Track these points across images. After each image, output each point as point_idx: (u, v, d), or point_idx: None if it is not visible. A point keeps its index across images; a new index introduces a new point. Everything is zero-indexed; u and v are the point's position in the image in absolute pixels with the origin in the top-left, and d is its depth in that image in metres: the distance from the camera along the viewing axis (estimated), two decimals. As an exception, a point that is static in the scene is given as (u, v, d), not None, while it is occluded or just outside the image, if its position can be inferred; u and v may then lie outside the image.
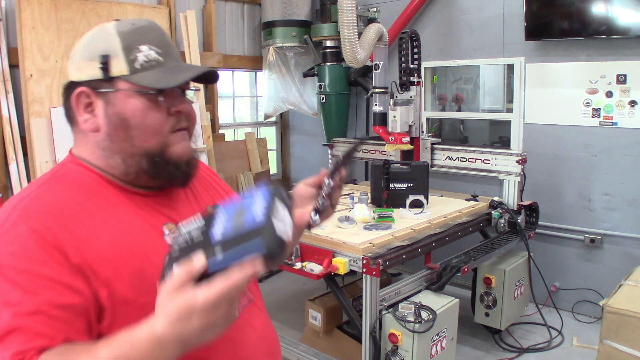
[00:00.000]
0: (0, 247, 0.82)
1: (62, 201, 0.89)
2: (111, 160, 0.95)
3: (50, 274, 0.81)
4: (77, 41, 0.98)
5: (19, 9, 3.46)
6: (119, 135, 0.93)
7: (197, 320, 0.70)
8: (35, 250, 0.82)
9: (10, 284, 0.79)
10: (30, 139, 3.54)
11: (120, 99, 0.92)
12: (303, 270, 2.51)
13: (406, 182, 3.20)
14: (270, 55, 4.81)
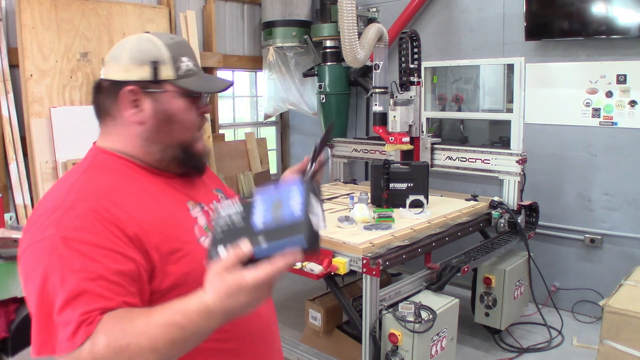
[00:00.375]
0: (65, 224, 0.95)
1: (108, 184, 1.05)
2: (149, 149, 1.12)
3: (109, 245, 0.95)
4: (118, 46, 1.13)
5: (19, 9, 3.46)
6: (163, 128, 1.11)
7: (242, 297, 0.85)
8: (96, 225, 0.96)
9: (76, 254, 0.92)
10: (30, 139, 3.54)
11: (167, 98, 1.10)
12: (303, 270, 2.50)
13: (406, 182, 3.20)
14: (270, 55, 4.81)
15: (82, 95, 3.78)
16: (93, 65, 3.83)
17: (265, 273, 0.84)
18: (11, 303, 1.64)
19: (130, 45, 1.11)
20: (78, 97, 3.76)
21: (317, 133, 5.20)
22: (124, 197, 1.03)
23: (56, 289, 0.90)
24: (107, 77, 1.11)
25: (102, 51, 3.87)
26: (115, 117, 1.12)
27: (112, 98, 1.10)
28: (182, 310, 0.87)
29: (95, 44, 3.84)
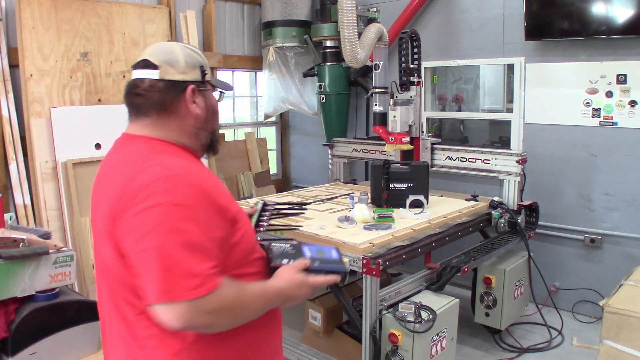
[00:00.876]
0: (174, 194, 1.13)
1: (186, 165, 1.23)
2: (200, 136, 1.34)
3: (207, 215, 1.16)
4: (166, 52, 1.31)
5: (19, 9, 3.46)
6: (210, 118, 1.36)
7: (301, 291, 1.29)
8: (197, 197, 1.16)
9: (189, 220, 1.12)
10: (30, 139, 3.54)
11: (209, 95, 1.36)
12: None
13: (406, 182, 3.20)
14: (270, 55, 4.81)
15: (82, 95, 3.78)
16: (93, 65, 3.83)
17: (320, 280, 1.33)
18: (11, 303, 1.64)
19: (181, 52, 1.31)
20: (78, 97, 3.76)
21: (317, 133, 5.20)
22: (205, 175, 1.24)
23: (176, 247, 1.09)
24: (164, 78, 1.28)
25: (102, 51, 3.87)
26: (172, 112, 1.29)
27: (172, 95, 1.28)
28: (265, 288, 1.24)
29: (95, 44, 3.84)
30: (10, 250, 1.63)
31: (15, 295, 1.64)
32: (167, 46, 1.33)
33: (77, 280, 3.45)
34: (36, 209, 3.55)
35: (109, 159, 1.33)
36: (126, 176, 1.18)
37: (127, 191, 1.16)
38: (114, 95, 3.94)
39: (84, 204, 3.62)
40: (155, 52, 1.30)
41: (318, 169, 5.24)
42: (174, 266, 1.08)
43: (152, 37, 4.15)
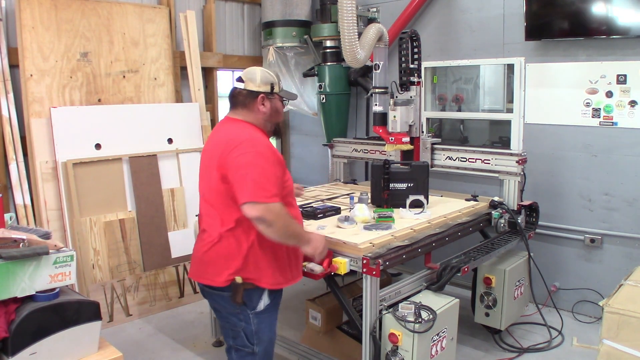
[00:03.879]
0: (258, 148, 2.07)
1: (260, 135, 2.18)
2: (265, 124, 2.25)
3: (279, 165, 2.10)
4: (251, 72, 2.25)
5: (19, 9, 3.47)
6: (273, 115, 2.26)
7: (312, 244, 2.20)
8: (273, 154, 2.10)
9: (266, 162, 2.04)
10: (30, 139, 3.54)
11: (275, 101, 2.26)
12: (303, 270, 2.50)
13: (406, 182, 3.20)
14: (270, 55, 4.81)
15: (82, 95, 3.78)
16: (93, 65, 3.83)
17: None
18: (11, 303, 1.64)
19: (261, 74, 2.24)
20: (78, 97, 3.76)
21: (317, 133, 5.20)
22: (268, 141, 2.18)
23: (260, 174, 2.00)
24: (247, 88, 2.22)
25: (102, 51, 3.87)
26: (250, 108, 2.23)
27: (250, 99, 2.22)
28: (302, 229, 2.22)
29: (95, 44, 3.84)
30: (10, 250, 1.63)
31: (15, 295, 1.64)
32: (252, 69, 2.26)
33: (77, 280, 3.46)
34: (36, 209, 3.55)
35: (219, 128, 2.30)
36: (230, 136, 2.12)
37: (231, 144, 2.06)
38: (114, 95, 3.94)
39: (84, 204, 3.62)
40: (245, 72, 2.26)
41: (318, 169, 5.25)
42: (258, 184, 1.97)
43: (152, 37, 4.15)
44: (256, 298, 2.16)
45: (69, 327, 1.69)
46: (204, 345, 3.43)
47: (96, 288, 3.63)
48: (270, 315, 2.25)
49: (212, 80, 4.80)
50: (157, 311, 3.91)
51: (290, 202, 2.23)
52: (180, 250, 4.01)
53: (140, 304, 3.84)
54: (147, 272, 3.88)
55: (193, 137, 4.21)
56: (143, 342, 3.49)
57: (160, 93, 4.22)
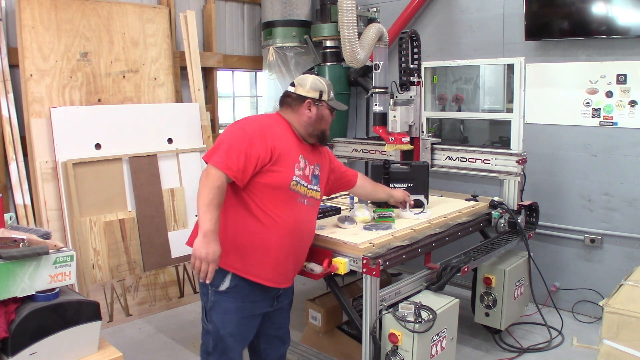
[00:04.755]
0: (248, 125, 2.18)
1: (273, 124, 2.25)
2: (307, 128, 2.29)
3: (258, 146, 2.11)
4: (303, 79, 2.36)
5: (19, 9, 3.47)
6: (318, 121, 2.30)
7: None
8: (259, 134, 2.13)
9: (244, 139, 2.10)
10: (30, 139, 3.54)
11: (322, 108, 2.32)
12: (303, 270, 2.50)
13: (406, 182, 3.20)
14: (270, 55, 4.81)
15: (82, 95, 3.78)
16: (93, 65, 3.83)
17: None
18: (11, 303, 1.64)
19: (312, 80, 2.32)
20: (78, 97, 3.76)
21: (317, 133, 5.19)
22: (277, 132, 2.21)
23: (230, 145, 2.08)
24: (296, 92, 2.31)
25: (102, 51, 3.87)
26: (295, 110, 2.30)
27: (297, 102, 2.30)
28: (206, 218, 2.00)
29: (95, 44, 3.84)
30: (10, 250, 1.62)
31: (15, 295, 1.63)
32: (306, 76, 2.37)
33: (77, 280, 3.46)
34: (36, 209, 3.55)
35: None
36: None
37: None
38: (114, 95, 3.94)
39: (84, 204, 3.62)
40: (299, 78, 2.37)
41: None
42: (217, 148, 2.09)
43: (152, 37, 4.15)
44: (219, 276, 2.13)
45: (69, 327, 1.69)
46: (204, 345, 3.42)
47: (96, 288, 3.63)
48: (230, 301, 2.19)
49: (212, 80, 4.80)
50: (157, 311, 3.91)
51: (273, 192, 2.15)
52: (180, 250, 4.00)
53: (140, 304, 3.84)
54: (147, 272, 3.88)
55: (193, 137, 4.21)
56: (143, 342, 3.49)
57: (160, 93, 4.22)
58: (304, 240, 2.32)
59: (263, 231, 2.14)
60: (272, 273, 2.20)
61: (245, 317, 2.24)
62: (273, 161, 2.12)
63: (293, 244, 2.23)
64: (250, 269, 2.16)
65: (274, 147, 2.12)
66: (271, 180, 2.13)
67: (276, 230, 2.15)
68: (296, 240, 2.25)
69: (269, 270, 2.18)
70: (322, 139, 2.34)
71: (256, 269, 2.16)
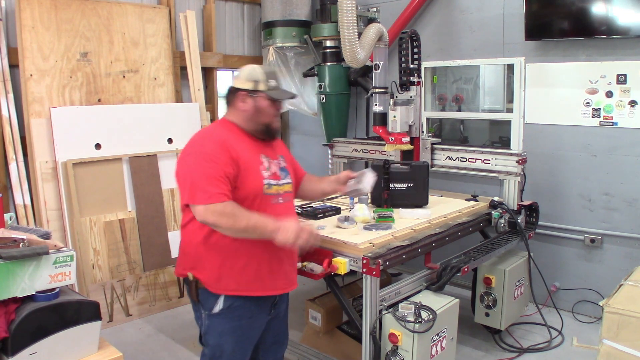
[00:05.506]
0: (204, 147, 1.99)
1: (224, 134, 2.06)
2: (248, 123, 2.11)
3: (224, 160, 1.96)
4: (242, 70, 2.14)
5: (19, 9, 3.47)
6: (256, 114, 2.10)
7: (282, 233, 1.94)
8: (219, 149, 1.97)
9: (210, 162, 1.93)
10: (30, 139, 3.54)
11: (259, 100, 2.10)
12: (303, 270, 2.51)
13: (406, 182, 3.20)
14: (270, 55, 4.81)
15: (82, 95, 3.78)
16: (93, 65, 3.83)
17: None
18: (11, 303, 1.64)
19: (248, 70, 2.12)
20: (78, 97, 3.76)
21: (317, 133, 5.20)
22: (232, 141, 2.03)
23: (201, 173, 1.92)
24: (234, 86, 2.12)
25: (102, 51, 3.87)
26: (234, 106, 2.13)
27: (234, 96, 2.13)
28: (265, 221, 1.94)
29: (95, 44, 3.84)
30: (10, 250, 1.62)
31: (15, 295, 1.63)
32: (244, 67, 2.16)
33: (77, 280, 3.46)
34: (36, 209, 3.55)
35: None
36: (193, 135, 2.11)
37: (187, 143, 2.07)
38: (114, 95, 3.94)
39: (84, 204, 3.62)
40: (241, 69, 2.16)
41: (318, 169, 5.24)
42: (196, 186, 1.91)
43: (152, 37, 4.15)
44: (212, 299, 2.06)
45: (69, 327, 1.69)
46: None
47: (96, 288, 3.63)
48: (225, 322, 2.09)
49: (212, 80, 4.80)
50: (157, 311, 3.91)
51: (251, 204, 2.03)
52: (180, 250, 4.01)
53: (140, 304, 3.84)
54: (147, 272, 3.88)
55: (193, 137, 4.21)
56: (143, 342, 3.49)
57: (160, 93, 4.22)
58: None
59: (246, 245, 2.02)
60: (266, 281, 2.10)
61: (242, 335, 2.14)
62: (240, 172, 1.99)
63: (278, 248, 2.05)
64: (243, 285, 2.06)
65: (237, 158, 1.98)
66: (245, 192, 2.01)
67: (260, 240, 2.01)
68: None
69: (263, 280, 2.09)
70: (268, 133, 2.13)
71: (250, 284, 2.07)
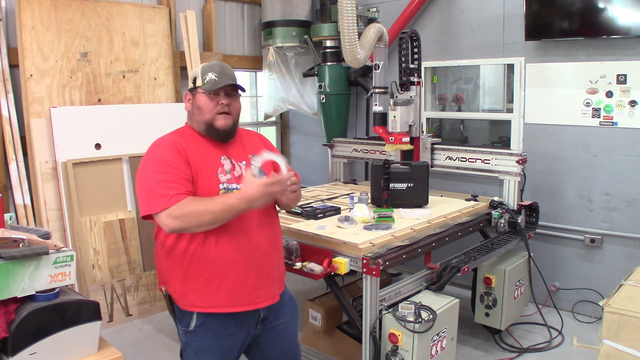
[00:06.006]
0: (158, 152, 1.87)
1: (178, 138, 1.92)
2: (194, 124, 1.96)
3: (180, 162, 1.83)
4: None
5: (19, 9, 3.46)
6: (196, 113, 1.94)
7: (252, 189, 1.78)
8: (173, 153, 1.84)
9: (165, 165, 1.81)
10: (30, 139, 3.54)
11: (197, 97, 1.94)
12: (303, 270, 2.50)
13: (406, 182, 3.20)
14: (270, 55, 4.81)
15: (82, 95, 3.78)
16: (93, 65, 3.83)
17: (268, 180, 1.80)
18: (11, 303, 1.64)
19: (194, 69, 2.02)
20: (78, 97, 3.76)
21: (317, 133, 5.20)
22: (185, 144, 1.88)
23: (157, 180, 1.78)
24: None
25: (102, 51, 3.87)
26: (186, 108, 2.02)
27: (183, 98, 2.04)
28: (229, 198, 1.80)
29: (95, 44, 3.84)
30: (10, 250, 1.62)
31: (15, 295, 1.63)
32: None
33: (77, 280, 3.46)
34: (36, 209, 3.55)
35: None
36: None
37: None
38: (114, 95, 3.94)
39: (84, 204, 3.62)
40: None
41: (318, 169, 5.24)
42: (152, 193, 1.78)
43: (152, 37, 4.15)
44: (187, 315, 1.93)
45: (69, 327, 1.69)
46: (204, 345, 3.42)
47: (96, 288, 3.63)
48: (200, 340, 1.93)
49: (212, 80, 4.79)
50: (157, 311, 3.91)
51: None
52: (180, 250, 4.01)
53: (140, 304, 3.84)
54: (147, 272, 3.88)
55: (193, 137, 4.22)
56: (143, 342, 3.49)
57: (160, 93, 4.22)
58: (259, 248, 1.94)
59: (208, 255, 1.86)
60: (234, 296, 1.90)
61: (223, 354, 1.96)
62: (194, 176, 1.84)
63: (246, 258, 1.90)
64: (209, 301, 1.88)
65: (188, 160, 1.84)
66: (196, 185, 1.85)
67: (220, 249, 1.86)
68: (247, 251, 1.90)
69: (230, 294, 1.89)
70: (213, 132, 1.92)
71: (215, 299, 1.88)
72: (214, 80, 1.90)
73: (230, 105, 1.93)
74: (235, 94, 1.97)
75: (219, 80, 1.90)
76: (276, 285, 2.04)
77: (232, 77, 1.94)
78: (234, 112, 1.96)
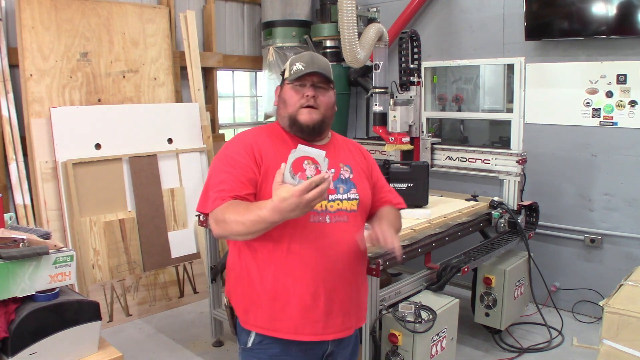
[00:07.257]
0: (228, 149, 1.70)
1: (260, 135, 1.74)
2: (280, 119, 1.77)
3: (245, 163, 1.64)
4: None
5: (19, 9, 3.46)
6: (281, 107, 1.75)
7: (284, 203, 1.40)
8: (242, 151, 1.66)
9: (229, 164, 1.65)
10: (30, 139, 3.54)
11: (285, 89, 1.74)
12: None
13: (406, 182, 3.20)
14: (270, 55, 4.81)
15: (82, 95, 3.78)
16: (93, 65, 3.83)
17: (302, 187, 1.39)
18: (11, 303, 1.64)
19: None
20: (78, 97, 3.76)
21: (317, 133, 5.19)
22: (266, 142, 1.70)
23: (217, 180, 1.63)
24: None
25: (102, 51, 3.87)
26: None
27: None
28: (262, 207, 1.46)
29: (95, 44, 3.84)
30: (10, 250, 1.62)
31: (15, 295, 1.63)
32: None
33: (77, 280, 3.46)
34: (36, 209, 3.55)
35: None
36: None
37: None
38: (114, 95, 3.94)
39: (84, 204, 3.62)
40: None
41: (318, 169, 5.24)
42: (206, 192, 1.65)
43: (152, 37, 4.15)
44: (245, 333, 1.72)
45: (69, 327, 1.69)
46: (204, 345, 3.42)
47: (96, 288, 3.63)
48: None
49: (212, 80, 4.79)
50: (157, 311, 3.91)
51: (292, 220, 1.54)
52: (180, 250, 4.01)
53: (140, 304, 3.84)
54: (147, 272, 3.88)
55: (193, 137, 4.21)
56: (143, 342, 3.49)
57: (160, 93, 4.22)
58: (335, 270, 1.66)
59: (274, 273, 1.63)
60: (299, 323, 1.64)
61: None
62: (262, 178, 1.63)
63: (317, 280, 1.63)
64: (272, 323, 1.66)
65: (260, 161, 1.65)
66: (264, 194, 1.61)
67: (289, 269, 1.62)
68: (321, 273, 1.64)
69: (295, 321, 1.64)
70: (298, 128, 1.70)
71: (278, 323, 1.65)
72: (301, 69, 1.68)
73: (316, 98, 1.69)
74: (324, 87, 1.71)
75: (305, 69, 1.68)
76: (353, 317, 1.74)
77: (320, 67, 1.71)
78: (322, 106, 1.70)
